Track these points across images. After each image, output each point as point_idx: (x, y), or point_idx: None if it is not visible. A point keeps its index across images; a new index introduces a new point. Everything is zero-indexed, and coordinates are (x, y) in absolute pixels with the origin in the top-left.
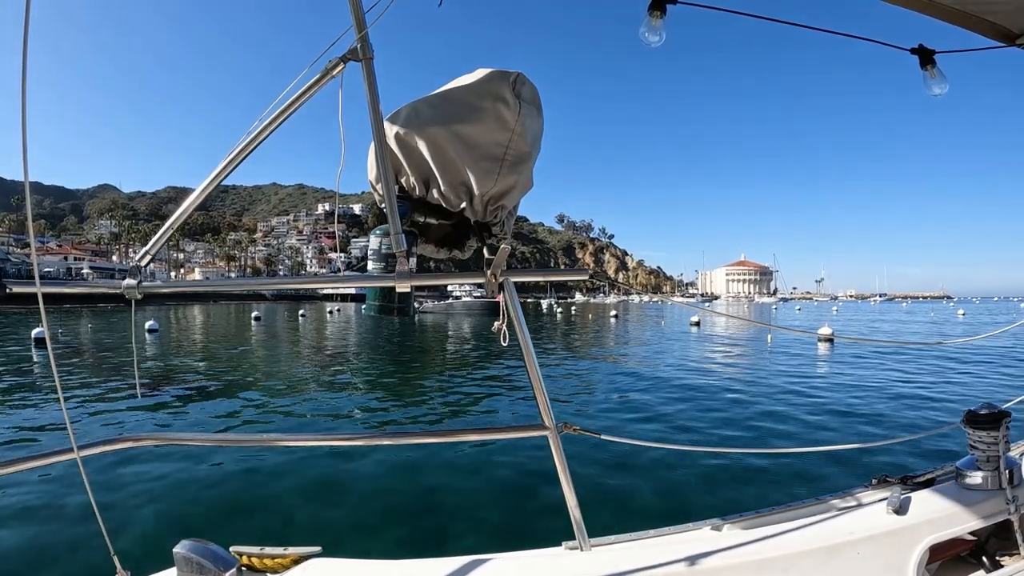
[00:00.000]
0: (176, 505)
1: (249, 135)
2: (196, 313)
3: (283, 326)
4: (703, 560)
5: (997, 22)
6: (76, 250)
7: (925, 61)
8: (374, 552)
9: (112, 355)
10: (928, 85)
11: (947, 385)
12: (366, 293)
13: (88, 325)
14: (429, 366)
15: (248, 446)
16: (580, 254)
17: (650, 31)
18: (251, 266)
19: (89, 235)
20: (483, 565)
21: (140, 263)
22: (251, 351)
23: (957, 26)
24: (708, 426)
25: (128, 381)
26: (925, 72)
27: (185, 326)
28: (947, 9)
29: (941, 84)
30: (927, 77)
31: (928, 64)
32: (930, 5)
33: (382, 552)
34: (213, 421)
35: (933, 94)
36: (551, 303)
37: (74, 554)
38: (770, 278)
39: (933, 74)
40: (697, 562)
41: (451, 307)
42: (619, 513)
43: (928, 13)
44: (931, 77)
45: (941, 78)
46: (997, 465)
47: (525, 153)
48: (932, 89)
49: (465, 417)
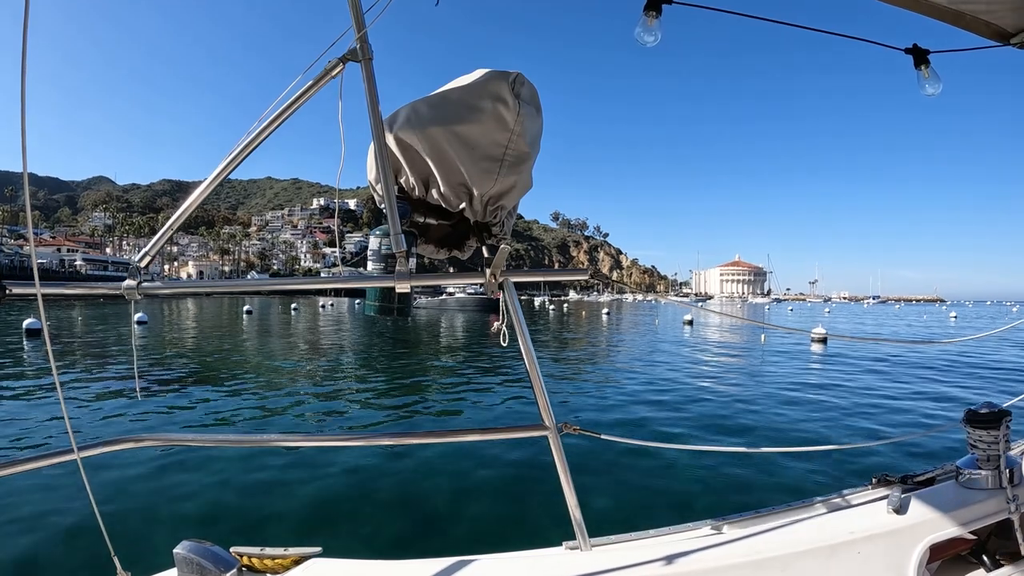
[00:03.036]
0: (176, 505)
1: (249, 135)
2: (189, 306)
3: (275, 320)
4: (703, 560)
5: (992, 21)
6: (70, 242)
7: (919, 61)
8: (374, 552)
9: (104, 349)
10: (922, 85)
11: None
12: (365, 292)
13: (78, 318)
14: (423, 362)
15: (248, 446)
16: (574, 252)
17: (645, 31)
18: (245, 260)
19: (83, 227)
20: (483, 565)
21: (140, 264)
22: (241, 347)
23: (951, 25)
24: (705, 425)
25: (122, 377)
26: (919, 72)
27: (176, 319)
28: (941, 8)
29: (935, 84)
30: (921, 77)
31: (922, 64)
32: (924, 4)
33: (382, 552)
34: (202, 420)
35: (927, 94)
36: (544, 300)
37: (74, 555)
38: (764, 279)
39: (927, 74)
40: (697, 562)
41: (445, 303)
42: (619, 513)
43: (922, 12)
44: (925, 77)
45: (935, 78)
46: (997, 464)
47: (524, 153)
48: (926, 89)
49: (464, 416)
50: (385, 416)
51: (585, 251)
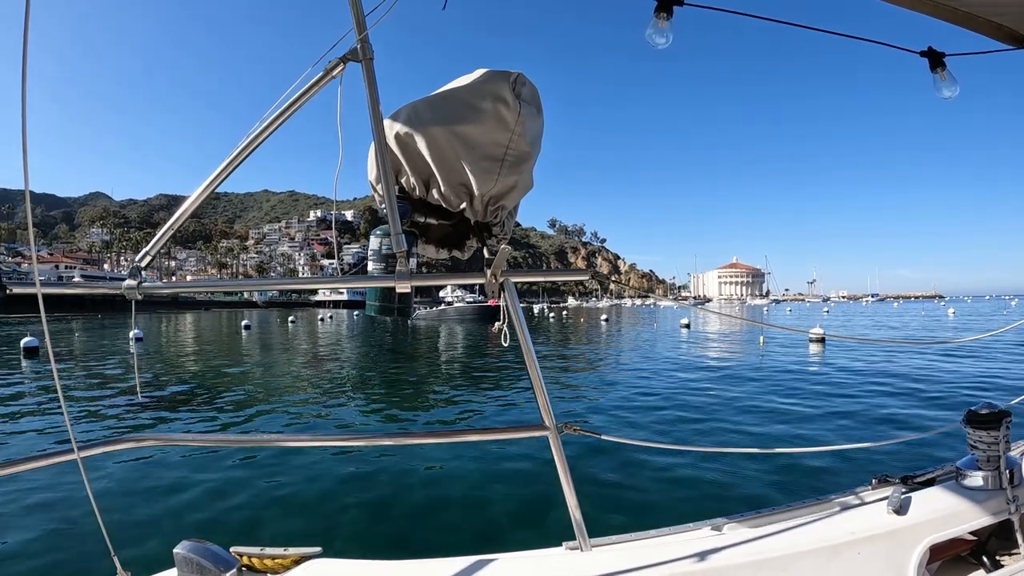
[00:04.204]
0: (176, 505)
1: (249, 135)
2: (188, 319)
3: (275, 331)
4: (703, 560)
5: (1005, 24)
6: (67, 258)
7: (935, 64)
8: (374, 552)
9: (100, 364)
10: (939, 88)
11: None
12: (365, 294)
13: (76, 334)
14: (423, 374)
15: (248, 446)
16: (572, 258)
17: (657, 33)
18: (243, 273)
19: (80, 243)
20: (483, 565)
21: (140, 264)
22: (240, 365)
23: (965, 28)
24: (702, 425)
25: (120, 392)
26: (935, 75)
27: (173, 335)
28: (955, 12)
29: (952, 87)
30: (937, 80)
31: (938, 67)
32: (938, 7)
33: (382, 552)
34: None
35: (944, 96)
36: (543, 307)
37: (74, 555)
38: (762, 280)
39: (943, 77)
40: (697, 562)
41: (444, 313)
42: (619, 513)
43: (936, 16)
44: (942, 80)
45: (951, 81)
46: (997, 465)
47: (525, 153)
48: (943, 92)
49: (463, 417)
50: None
51: (583, 257)
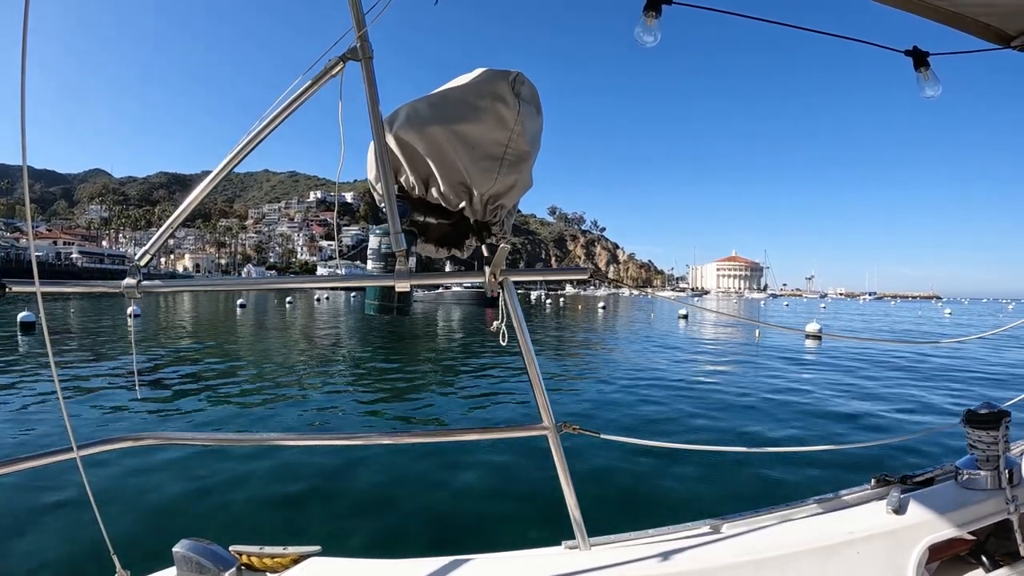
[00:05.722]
0: (176, 504)
1: (249, 133)
2: (185, 298)
3: (272, 313)
4: (702, 559)
5: (992, 24)
6: (66, 235)
7: (919, 63)
8: (373, 551)
9: (97, 339)
10: (922, 87)
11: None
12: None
13: (71, 311)
14: (421, 356)
15: (248, 445)
16: (571, 246)
17: (645, 31)
18: (241, 253)
19: (80, 220)
20: (483, 564)
21: (139, 263)
22: (233, 340)
23: (951, 27)
24: (702, 424)
25: (119, 374)
26: (919, 74)
27: (171, 314)
28: (941, 11)
29: (935, 86)
30: (921, 79)
31: (922, 66)
32: (924, 6)
33: (381, 551)
34: (195, 419)
35: (926, 96)
36: (540, 295)
37: (74, 554)
38: (761, 274)
39: (927, 76)
40: (696, 561)
41: (441, 296)
42: (618, 512)
43: (922, 14)
44: (925, 79)
45: (935, 80)
46: (997, 465)
47: (524, 152)
48: (925, 91)
49: (462, 413)
50: (384, 419)
51: (582, 245)
